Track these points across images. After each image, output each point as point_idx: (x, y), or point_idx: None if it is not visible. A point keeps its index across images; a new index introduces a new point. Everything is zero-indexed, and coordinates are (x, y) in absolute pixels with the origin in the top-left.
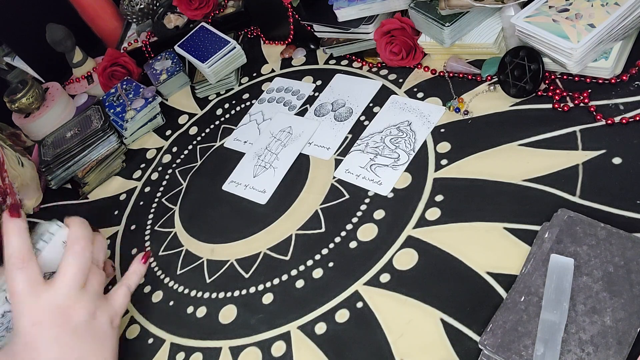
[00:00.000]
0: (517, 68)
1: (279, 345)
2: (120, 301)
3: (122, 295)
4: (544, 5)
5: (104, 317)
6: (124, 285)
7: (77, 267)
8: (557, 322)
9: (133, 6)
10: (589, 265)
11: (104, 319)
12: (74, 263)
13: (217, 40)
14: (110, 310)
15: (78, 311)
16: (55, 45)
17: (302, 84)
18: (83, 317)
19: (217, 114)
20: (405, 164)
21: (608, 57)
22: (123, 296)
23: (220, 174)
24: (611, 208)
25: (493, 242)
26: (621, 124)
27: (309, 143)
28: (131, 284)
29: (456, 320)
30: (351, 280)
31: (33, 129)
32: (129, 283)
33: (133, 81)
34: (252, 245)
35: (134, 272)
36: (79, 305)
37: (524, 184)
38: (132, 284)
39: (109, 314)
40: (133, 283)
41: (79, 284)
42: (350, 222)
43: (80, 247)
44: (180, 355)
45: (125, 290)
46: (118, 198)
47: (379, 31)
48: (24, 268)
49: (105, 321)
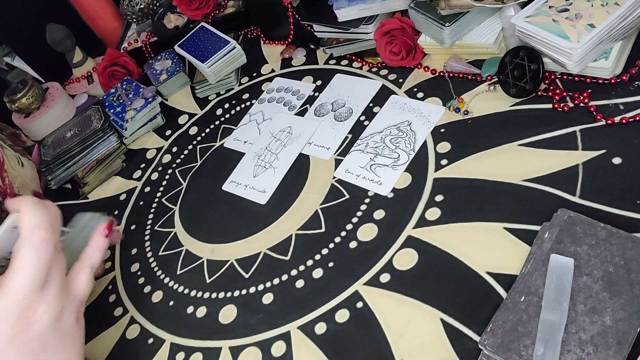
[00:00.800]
0: (517, 68)
1: (279, 345)
2: (84, 287)
3: (85, 279)
4: (544, 5)
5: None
6: (86, 266)
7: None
8: (557, 322)
9: (133, 6)
10: (589, 265)
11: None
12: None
13: (217, 40)
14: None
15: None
16: (55, 45)
17: (302, 84)
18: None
19: (217, 114)
20: (405, 164)
21: (608, 57)
22: (86, 280)
23: (220, 174)
24: (611, 208)
25: (493, 242)
26: (621, 124)
27: (309, 143)
28: (94, 263)
29: (456, 320)
30: (351, 280)
31: (33, 129)
32: (91, 262)
33: (133, 81)
34: (252, 245)
35: (95, 248)
36: (41, 310)
37: (524, 184)
38: (94, 262)
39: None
40: (96, 261)
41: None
42: (350, 222)
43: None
44: (180, 355)
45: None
46: (118, 198)
47: (379, 31)
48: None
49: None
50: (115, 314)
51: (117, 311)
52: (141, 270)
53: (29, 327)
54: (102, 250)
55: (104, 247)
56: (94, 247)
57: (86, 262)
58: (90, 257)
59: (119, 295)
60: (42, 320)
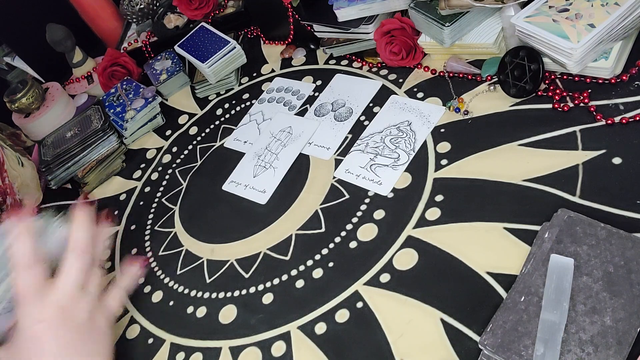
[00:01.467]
0: (517, 68)
1: (279, 345)
2: (115, 302)
3: (116, 296)
4: (544, 5)
5: (102, 318)
6: (120, 287)
7: (78, 268)
8: (557, 322)
9: (133, 6)
10: (589, 265)
11: (102, 320)
12: (76, 264)
13: (217, 40)
14: (107, 312)
15: (79, 311)
16: (55, 45)
17: (302, 84)
18: (83, 317)
19: (217, 114)
20: (405, 164)
21: (608, 57)
22: (117, 297)
23: (220, 174)
24: (611, 208)
25: (493, 242)
26: (621, 124)
27: (309, 143)
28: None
29: (456, 320)
30: (351, 280)
31: (33, 129)
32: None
33: (133, 81)
34: (252, 245)
35: (129, 275)
36: (79, 306)
37: (524, 184)
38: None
39: (106, 315)
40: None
41: (79, 284)
42: (350, 222)
43: (81, 249)
44: (180, 355)
45: (121, 292)
46: (118, 198)
47: (379, 31)
48: (30, 270)
49: (103, 322)
50: None
51: (117, 311)
52: None
53: (70, 317)
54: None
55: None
56: (127, 274)
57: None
58: (122, 280)
59: None
60: (80, 314)
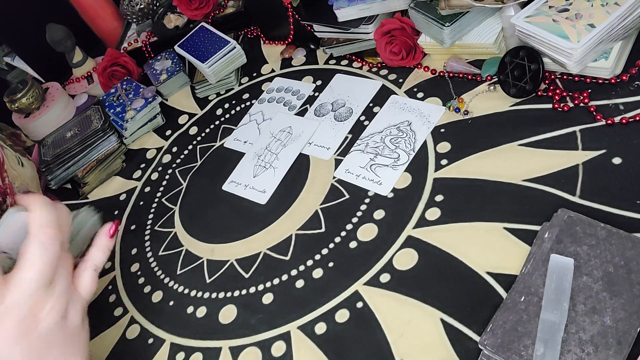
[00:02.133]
0: (517, 68)
1: (279, 345)
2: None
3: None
4: (544, 5)
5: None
6: (90, 267)
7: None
8: (557, 322)
9: (133, 6)
10: (589, 265)
11: (75, 315)
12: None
13: (217, 40)
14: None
15: (47, 314)
16: (55, 45)
17: (302, 84)
18: (53, 319)
19: (217, 114)
20: (405, 164)
21: (608, 57)
22: (90, 281)
23: (220, 174)
24: (611, 208)
25: (493, 242)
26: (621, 124)
27: (309, 143)
28: (98, 264)
29: (456, 320)
30: (351, 280)
31: (33, 129)
32: (95, 263)
33: (133, 81)
34: (252, 245)
35: (100, 249)
36: (47, 307)
37: (524, 184)
38: (98, 263)
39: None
40: (100, 262)
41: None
42: (350, 222)
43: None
44: (180, 355)
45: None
46: (118, 198)
47: (379, 31)
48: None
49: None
50: (115, 314)
51: (117, 311)
52: (141, 270)
53: (36, 324)
54: (107, 251)
55: (108, 247)
56: (98, 248)
57: (90, 263)
58: (95, 258)
59: (119, 295)
60: (49, 317)
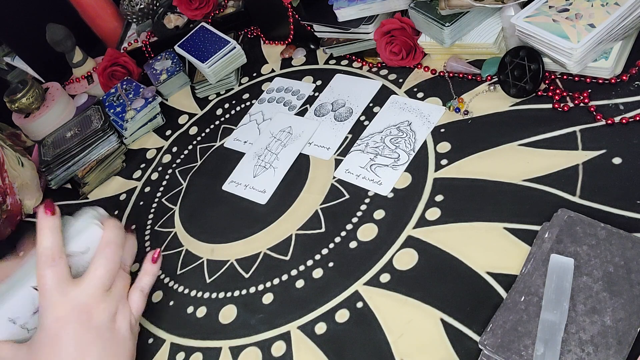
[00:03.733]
0: (517, 68)
1: (279, 345)
2: (137, 305)
3: (137, 299)
4: (544, 5)
5: (124, 321)
6: (137, 288)
7: (105, 269)
8: (557, 322)
9: (133, 6)
10: (589, 265)
11: (124, 323)
12: (103, 265)
13: (217, 40)
14: (130, 315)
15: (100, 312)
16: (55, 45)
17: (302, 84)
18: (104, 318)
19: (217, 114)
20: (405, 164)
21: (608, 57)
22: (138, 300)
23: (220, 174)
24: (611, 208)
25: (493, 242)
26: (621, 124)
27: (309, 143)
28: (144, 286)
29: (456, 320)
30: (351, 280)
31: (33, 129)
32: (141, 285)
33: (133, 81)
34: (252, 245)
35: (146, 273)
36: (101, 307)
37: (524, 184)
38: (145, 286)
39: (129, 319)
40: (146, 285)
41: (105, 286)
42: (350, 222)
43: (110, 251)
44: (180, 355)
45: (139, 293)
46: (118, 198)
47: (379, 31)
48: (54, 266)
49: (124, 325)
50: None
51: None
52: None
53: (90, 317)
54: (152, 275)
55: (153, 272)
56: (144, 272)
57: (138, 284)
58: (141, 281)
59: None
60: (100, 316)
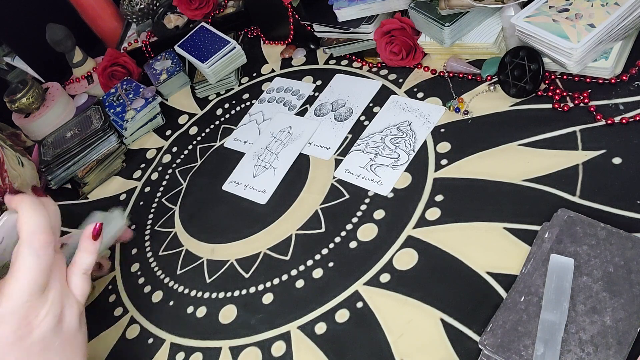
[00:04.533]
0: (517, 68)
1: (279, 345)
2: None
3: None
4: (544, 5)
5: (72, 315)
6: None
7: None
8: (557, 322)
9: (133, 6)
10: (589, 265)
11: (72, 318)
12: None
13: (217, 40)
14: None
15: (42, 320)
16: (55, 45)
17: (302, 84)
18: (48, 325)
19: (217, 114)
20: (405, 164)
21: (608, 57)
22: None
23: (220, 174)
24: (611, 208)
25: (493, 242)
26: (621, 124)
27: (309, 143)
28: (86, 267)
29: (456, 320)
30: (351, 280)
31: (33, 129)
32: (83, 267)
33: (133, 81)
34: (252, 245)
35: (87, 252)
36: (42, 313)
37: (524, 184)
38: (86, 266)
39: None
40: (87, 264)
41: (39, 287)
42: (350, 222)
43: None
44: (180, 355)
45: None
46: (118, 198)
47: (379, 31)
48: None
49: (73, 320)
50: (115, 314)
51: (117, 311)
52: (141, 270)
53: (31, 331)
54: (92, 252)
55: (95, 250)
56: (84, 251)
57: (78, 267)
58: (81, 261)
59: (119, 295)
60: (44, 323)
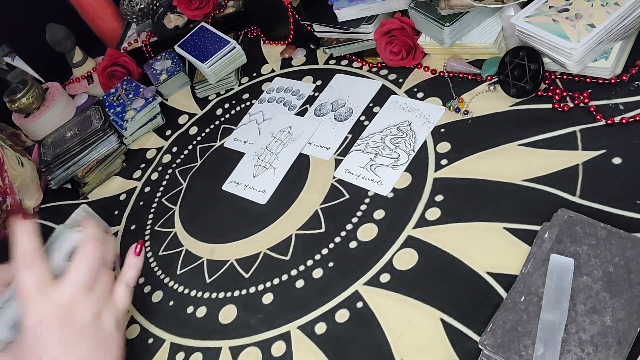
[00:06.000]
0: (517, 68)
1: (279, 345)
2: (122, 300)
3: (122, 293)
4: (544, 5)
5: (110, 318)
6: (122, 282)
7: (86, 267)
8: (557, 322)
9: (133, 6)
10: (589, 265)
11: (110, 320)
12: (83, 263)
13: (217, 40)
14: (115, 311)
15: (83, 311)
16: (55, 45)
17: (302, 84)
18: (88, 318)
19: (217, 114)
20: (405, 164)
21: (608, 57)
22: (124, 294)
23: (220, 174)
24: (611, 208)
25: (493, 242)
26: (621, 124)
27: (309, 143)
28: (129, 280)
29: (456, 320)
30: (351, 280)
31: (33, 129)
32: (126, 279)
33: (133, 81)
34: (252, 245)
35: (130, 267)
36: (85, 305)
37: (524, 184)
38: (130, 279)
39: (114, 315)
40: (131, 279)
41: (87, 283)
42: (350, 222)
43: (90, 248)
44: (180, 355)
45: (124, 287)
46: (118, 198)
47: (379, 31)
48: (33, 267)
49: (110, 322)
50: None
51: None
52: (141, 270)
53: (73, 318)
54: (136, 268)
55: (137, 265)
56: (128, 266)
57: (122, 279)
58: (125, 275)
59: None
60: (84, 316)
